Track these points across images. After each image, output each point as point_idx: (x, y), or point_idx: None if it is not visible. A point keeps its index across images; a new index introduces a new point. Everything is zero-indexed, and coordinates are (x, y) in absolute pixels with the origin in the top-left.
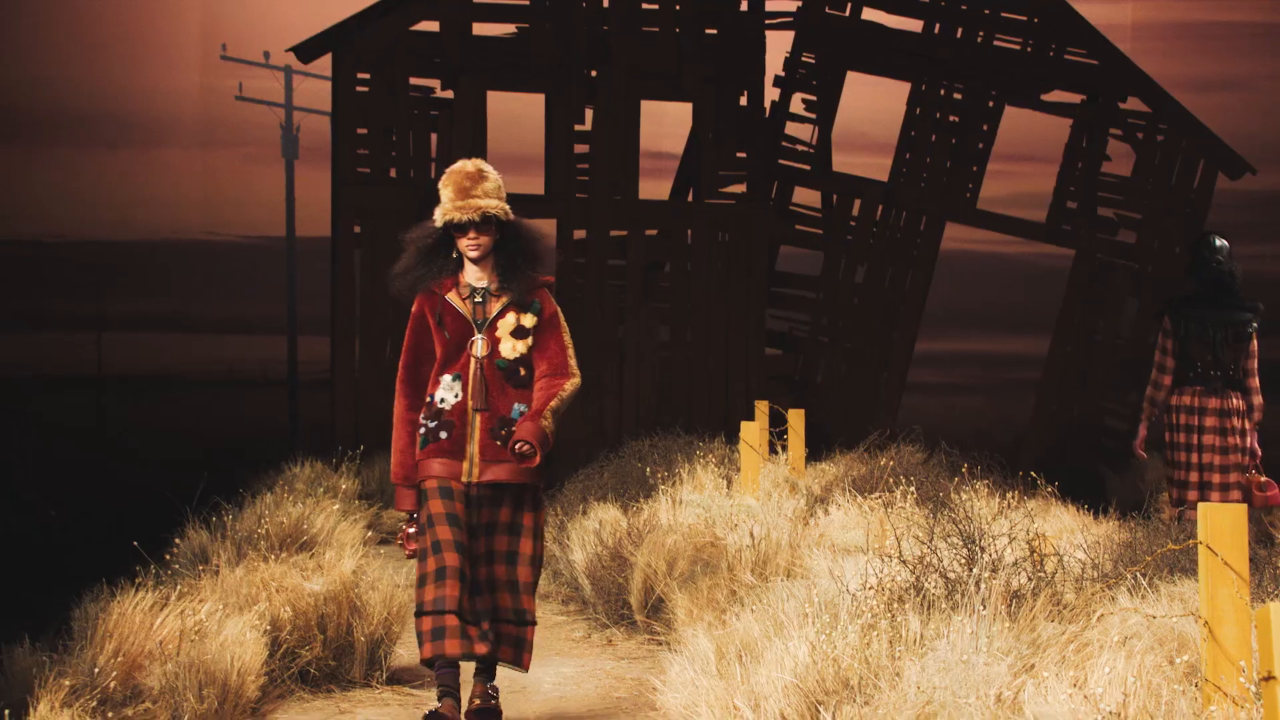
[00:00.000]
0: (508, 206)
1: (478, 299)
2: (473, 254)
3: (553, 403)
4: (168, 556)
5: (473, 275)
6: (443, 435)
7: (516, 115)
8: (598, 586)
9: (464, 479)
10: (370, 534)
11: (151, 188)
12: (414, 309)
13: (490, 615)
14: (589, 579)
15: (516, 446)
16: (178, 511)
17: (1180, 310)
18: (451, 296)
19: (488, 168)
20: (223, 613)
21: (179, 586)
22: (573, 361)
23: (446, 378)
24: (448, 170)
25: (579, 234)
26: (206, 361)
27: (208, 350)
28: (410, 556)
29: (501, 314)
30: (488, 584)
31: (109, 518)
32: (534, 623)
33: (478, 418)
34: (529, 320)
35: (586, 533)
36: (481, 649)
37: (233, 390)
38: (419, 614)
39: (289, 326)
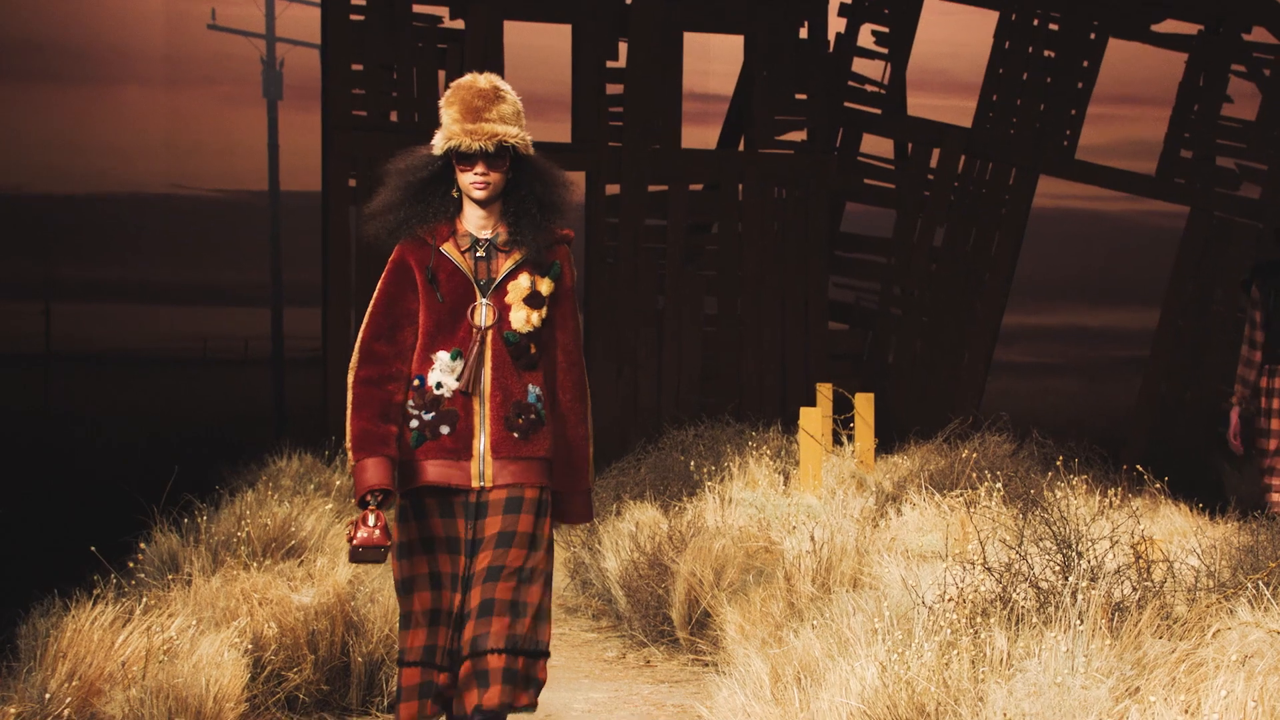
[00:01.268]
0: (528, 138)
1: (480, 253)
2: (478, 193)
3: (590, 452)
4: (131, 564)
5: (474, 222)
6: (444, 430)
7: (537, 49)
8: (634, 599)
9: (474, 484)
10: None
11: (108, 132)
12: (394, 257)
13: (482, 649)
14: (624, 590)
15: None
16: (143, 511)
17: (1267, 277)
18: (448, 248)
19: (505, 86)
20: (196, 629)
21: (144, 599)
22: (582, 351)
23: (443, 356)
24: (454, 85)
25: (612, 189)
26: (175, 337)
27: (176, 323)
28: (355, 556)
29: (513, 274)
30: (485, 608)
31: (61, 518)
32: (547, 654)
33: (487, 405)
34: (546, 286)
35: (621, 536)
36: (472, 700)
37: (207, 370)
38: (403, 663)
39: (273, 296)
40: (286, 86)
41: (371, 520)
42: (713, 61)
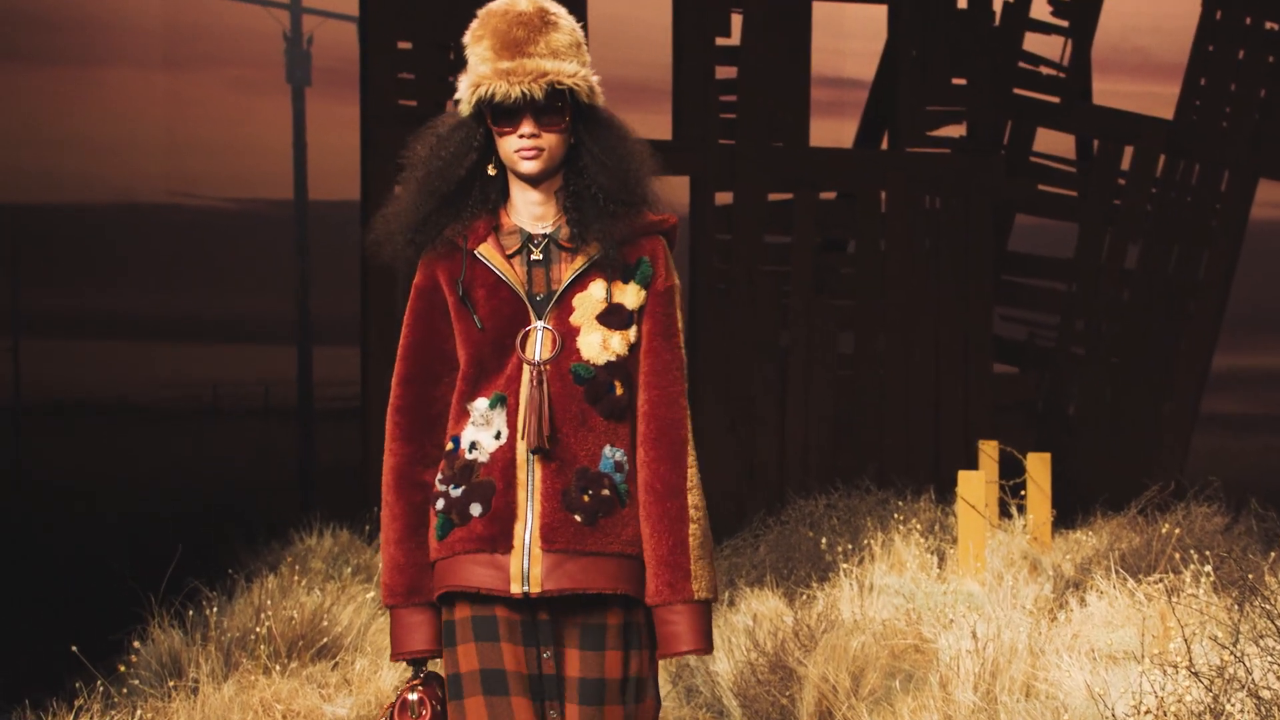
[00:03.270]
0: (594, 79)
1: (535, 255)
2: (528, 164)
3: (693, 539)
4: (123, 667)
5: (525, 210)
6: (475, 511)
7: (630, 23)
8: (751, 709)
9: (515, 588)
10: None
11: (94, 126)
12: (418, 280)
13: None
14: (738, 699)
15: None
16: (137, 601)
17: None
18: (488, 251)
19: (557, 9)
20: None
21: (140, 710)
22: (684, 390)
23: (481, 404)
24: (482, 12)
25: (723, 198)
26: (178, 382)
27: (179, 366)
28: None
29: (580, 282)
30: None
31: (36, 609)
32: None
33: (537, 472)
34: (632, 295)
35: (735, 632)
36: None
37: (217, 423)
38: None
39: (299, 331)
40: (316, 70)
41: (414, 701)
42: (849, 38)
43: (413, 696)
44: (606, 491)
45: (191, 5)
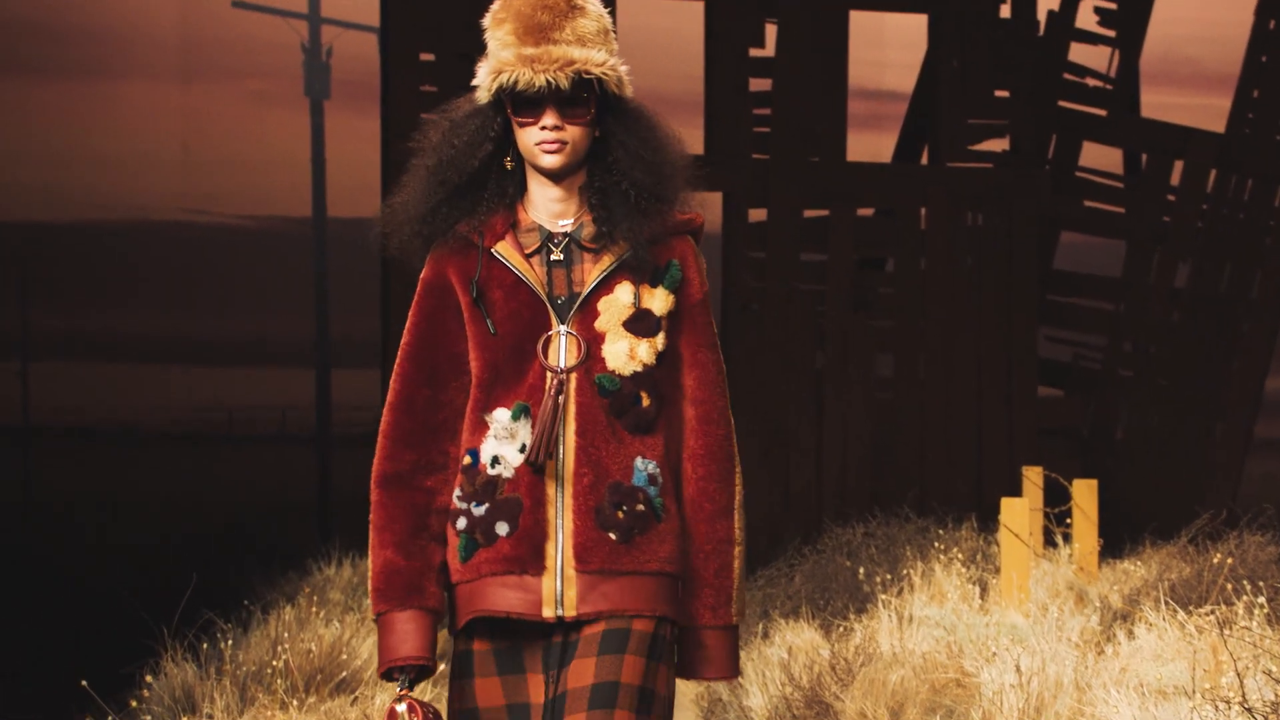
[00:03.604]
0: (622, 69)
1: (556, 255)
2: (550, 158)
3: (738, 564)
4: (134, 702)
5: (545, 207)
6: (501, 531)
7: (661, 34)
8: None
9: (548, 612)
10: (443, 667)
11: (106, 141)
12: (426, 275)
13: None
14: None
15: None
16: (149, 633)
17: None
18: (505, 249)
19: None
20: None
21: None
22: (729, 403)
23: (502, 415)
24: None
25: (756, 214)
26: (192, 406)
27: (193, 389)
28: None
29: (606, 284)
30: None
31: (45, 641)
32: None
33: (568, 489)
34: (661, 300)
35: (769, 665)
36: None
37: (232, 449)
38: None
39: (318, 353)
40: (335, 82)
41: (402, 712)
42: (888, 49)
43: (400, 707)
44: (641, 507)
45: (206, 16)
